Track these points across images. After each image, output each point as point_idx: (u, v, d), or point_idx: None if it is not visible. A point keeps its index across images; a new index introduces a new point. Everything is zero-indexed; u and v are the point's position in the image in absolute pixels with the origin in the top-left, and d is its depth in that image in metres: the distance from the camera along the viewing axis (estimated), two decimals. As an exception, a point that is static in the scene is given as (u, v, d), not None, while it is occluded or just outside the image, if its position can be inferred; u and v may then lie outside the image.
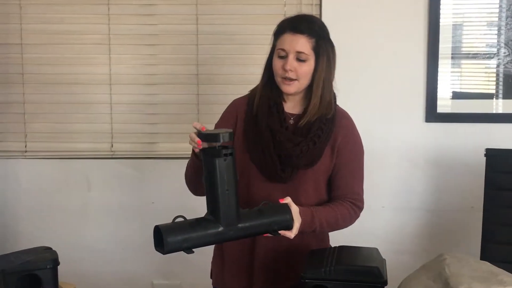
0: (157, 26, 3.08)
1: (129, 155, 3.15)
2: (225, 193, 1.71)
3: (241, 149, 2.07)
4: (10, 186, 3.13)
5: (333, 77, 2.08)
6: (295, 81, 2.00)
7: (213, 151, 1.71)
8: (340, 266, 1.79)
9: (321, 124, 2.03)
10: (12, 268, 1.75)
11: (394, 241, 3.07)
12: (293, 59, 1.98)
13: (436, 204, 3.06)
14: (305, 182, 2.05)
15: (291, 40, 1.98)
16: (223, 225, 1.72)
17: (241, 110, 2.12)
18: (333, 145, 2.07)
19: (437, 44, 2.97)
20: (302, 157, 2.01)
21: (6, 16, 3.06)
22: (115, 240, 3.17)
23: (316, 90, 2.02)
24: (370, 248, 1.98)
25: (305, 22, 2.02)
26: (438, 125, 3.02)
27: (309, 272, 1.78)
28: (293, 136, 2.02)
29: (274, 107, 2.05)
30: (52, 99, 3.13)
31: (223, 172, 1.71)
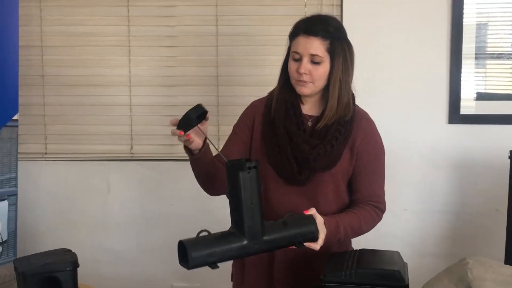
0: (177, 28, 3.06)
1: (149, 157, 3.13)
2: (249, 206, 1.69)
3: (259, 151, 2.06)
4: (31, 188, 3.13)
5: (351, 78, 2.03)
6: (310, 83, 1.97)
7: (237, 165, 1.69)
8: (360, 270, 1.76)
9: (339, 126, 2.00)
10: (32, 270, 1.75)
11: (416, 244, 3.02)
12: (307, 62, 1.95)
13: (459, 207, 3.01)
14: (324, 185, 2.02)
15: (304, 42, 1.95)
16: (247, 239, 1.69)
17: (259, 113, 2.10)
18: (352, 147, 2.03)
19: (460, 44, 2.92)
20: (319, 160, 1.98)
21: (27, 19, 3.06)
22: (135, 242, 3.16)
23: (333, 91, 1.98)
24: (391, 252, 1.94)
25: (319, 23, 1.97)
26: (461, 127, 2.97)
27: (329, 275, 1.76)
28: (310, 139, 2.00)
29: (291, 109, 2.02)
30: (72, 101, 3.13)
31: (247, 185, 1.68)
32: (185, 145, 1.90)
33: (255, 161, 1.69)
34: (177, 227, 3.09)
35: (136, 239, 3.15)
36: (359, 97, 2.98)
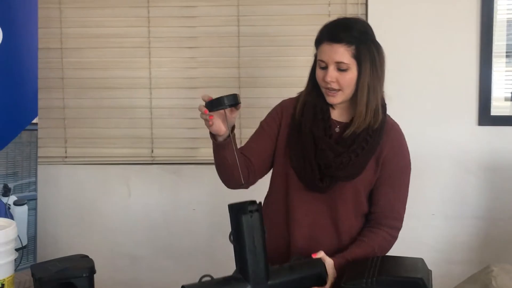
0: (198, 28, 3.02)
1: (170, 161, 3.09)
2: (253, 250, 1.65)
3: (283, 153, 2.02)
4: (51, 192, 3.10)
5: (382, 82, 1.97)
6: (339, 91, 1.92)
7: (239, 208, 1.65)
8: (382, 277, 1.71)
9: (367, 136, 1.94)
10: (48, 277, 1.72)
11: (445, 251, 2.94)
12: (333, 70, 1.90)
13: (490, 212, 2.92)
14: (345, 194, 1.97)
15: (329, 50, 1.89)
16: (251, 284, 1.66)
17: (287, 113, 2.06)
18: (378, 157, 1.97)
19: (490, 42, 2.84)
20: (342, 169, 1.93)
21: (47, 20, 3.03)
22: (156, 247, 3.11)
23: (361, 97, 1.92)
24: (415, 258, 1.88)
25: (342, 29, 1.91)
26: (492, 129, 2.89)
27: (349, 283, 1.71)
28: (335, 146, 1.95)
29: (320, 113, 1.98)
30: (92, 103, 3.09)
31: (250, 229, 1.65)
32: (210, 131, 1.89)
33: (258, 204, 1.66)
34: (199, 233, 3.05)
35: (157, 245, 3.10)
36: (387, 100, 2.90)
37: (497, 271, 1.58)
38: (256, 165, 2.03)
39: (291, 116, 2.04)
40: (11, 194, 2.74)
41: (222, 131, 1.87)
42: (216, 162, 1.99)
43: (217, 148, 1.94)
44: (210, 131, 1.89)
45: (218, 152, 1.94)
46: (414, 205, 2.91)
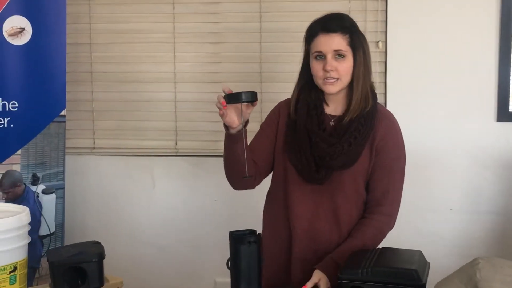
0: (221, 24, 3.05)
1: (193, 153, 3.13)
2: (247, 278, 1.72)
3: (281, 150, 2.07)
4: (79, 182, 3.17)
5: (370, 71, 2.03)
6: (338, 80, 1.95)
7: (238, 237, 1.73)
8: (377, 268, 1.71)
9: (359, 126, 1.97)
10: (59, 261, 1.78)
11: (462, 245, 2.92)
12: (332, 58, 1.94)
13: (507, 208, 2.88)
14: (343, 184, 1.99)
15: (326, 40, 1.94)
16: None
17: (284, 112, 2.11)
18: (372, 145, 1.99)
19: (509, 39, 2.80)
20: (336, 158, 1.95)
21: (76, 16, 3.10)
22: (179, 237, 3.15)
23: (357, 85, 1.97)
24: (413, 251, 1.88)
25: (335, 20, 1.99)
26: (510, 125, 2.85)
27: (345, 273, 1.72)
28: (328, 138, 1.98)
29: (313, 109, 2.02)
30: (119, 97, 3.15)
31: (246, 258, 1.72)
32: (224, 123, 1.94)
33: (256, 236, 1.73)
34: (220, 223, 3.07)
35: (180, 234, 3.15)
36: (406, 95, 2.90)
37: (483, 264, 1.57)
38: (260, 166, 2.08)
39: (288, 115, 2.08)
40: (40, 183, 2.82)
41: (235, 123, 1.92)
42: (226, 155, 2.03)
43: (229, 141, 1.98)
44: (224, 122, 1.93)
45: (230, 145, 1.99)
46: (433, 199, 2.93)
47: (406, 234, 2.87)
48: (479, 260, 1.60)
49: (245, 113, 1.93)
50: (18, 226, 1.67)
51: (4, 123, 2.69)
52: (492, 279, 1.50)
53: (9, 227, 1.64)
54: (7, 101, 2.70)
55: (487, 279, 1.50)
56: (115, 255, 2.99)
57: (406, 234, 2.86)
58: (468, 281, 1.54)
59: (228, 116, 1.90)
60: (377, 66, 2.91)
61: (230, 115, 1.91)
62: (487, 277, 1.51)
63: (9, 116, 2.70)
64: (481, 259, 1.60)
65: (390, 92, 2.91)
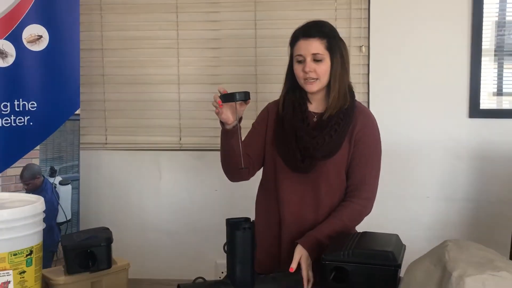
0: (220, 31, 3.04)
1: (196, 148, 3.12)
2: (242, 261, 1.70)
3: (271, 144, 2.09)
4: (93, 174, 3.16)
5: (348, 73, 2.05)
6: (317, 80, 1.98)
7: (234, 223, 1.72)
8: (357, 250, 1.72)
9: (339, 120, 1.99)
10: (71, 246, 1.78)
11: (437, 229, 2.91)
12: (311, 61, 1.97)
13: (478, 195, 2.88)
14: (326, 173, 2.01)
15: (305, 45, 1.97)
16: None
17: (272, 112, 2.13)
18: (351, 137, 2.02)
19: (480, 42, 2.79)
20: (319, 149, 1.97)
21: (89, 25, 3.09)
22: (183, 223, 3.15)
23: (334, 84, 1.99)
24: (390, 235, 1.89)
25: (314, 26, 2.02)
26: (481, 121, 2.84)
27: (329, 255, 1.73)
28: (311, 131, 2.00)
29: (298, 107, 2.04)
30: (128, 97, 3.14)
31: (241, 243, 1.70)
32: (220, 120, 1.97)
33: (250, 223, 1.71)
34: (220, 210, 3.06)
35: (184, 220, 3.14)
36: (387, 94, 2.90)
37: (451, 246, 1.57)
38: (253, 159, 2.10)
39: (276, 113, 2.11)
40: (57, 175, 2.81)
41: (230, 120, 1.95)
42: (222, 149, 2.06)
43: (225, 136, 2.00)
44: (220, 119, 1.96)
45: (226, 140, 2.01)
46: (411, 188, 2.93)
47: (387, 219, 2.87)
48: (447, 242, 1.60)
49: (239, 110, 1.95)
50: (33, 214, 1.66)
51: (24, 121, 2.68)
52: (458, 260, 1.48)
53: (25, 215, 1.63)
54: (26, 101, 2.69)
55: (454, 260, 1.49)
56: (125, 239, 3.00)
57: (387, 219, 2.86)
58: (438, 262, 1.53)
59: (224, 113, 1.92)
60: (360, 68, 2.91)
61: (225, 113, 1.93)
62: (454, 258, 1.50)
63: (29, 115, 2.69)
64: (450, 242, 1.60)
65: (372, 92, 2.90)
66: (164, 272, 2.73)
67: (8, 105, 2.64)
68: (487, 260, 1.49)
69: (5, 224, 1.59)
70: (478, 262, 1.47)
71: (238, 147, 1.94)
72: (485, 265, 1.46)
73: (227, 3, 3.00)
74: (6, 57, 2.63)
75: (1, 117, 2.62)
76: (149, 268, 2.76)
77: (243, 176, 2.11)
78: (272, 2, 2.96)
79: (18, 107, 2.66)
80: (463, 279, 1.41)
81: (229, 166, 2.08)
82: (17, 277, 1.61)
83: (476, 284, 1.40)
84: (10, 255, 1.60)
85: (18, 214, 1.62)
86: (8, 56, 2.63)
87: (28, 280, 1.65)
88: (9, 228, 1.60)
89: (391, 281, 1.68)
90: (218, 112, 1.92)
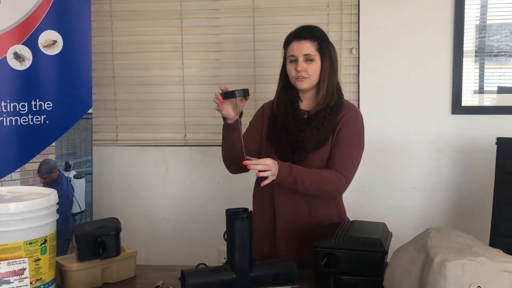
0: (221, 36, 3.02)
1: (200, 143, 3.10)
2: (241, 248, 1.72)
3: (266, 139, 2.09)
4: (105, 168, 3.15)
5: (336, 73, 2.05)
6: (307, 78, 1.99)
7: (233, 214, 1.74)
8: (347, 237, 1.73)
9: (325, 114, 1.99)
10: (83, 235, 1.79)
11: (423, 218, 2.89)
12: (303, 61, 1.98)
13: (460, 186, 2.86)
14: (315, 164, 2.00)
15: (298, 46, 1.99)
16: (236, 274, 1.72)
17: (267, 111, 2.15)
18: (335, 130, 2.01)
19: (461, 44, 2.76)
20: (307, 142, 1.98)
21: (100, 30, 3.07)
22: (188, 213, 3.13)
23: (323, 84, 2.00)
24: (378, 223, 1.89)
25: (306, 30, 2.03)
26: (462, 117, 2.82)
27: (321, 242, 1.74)
28: (300, 126, 2.01)
29: (290, 105, 2.05)
30: (137, 97, 3.13)
31: (240, 231, 1.72)
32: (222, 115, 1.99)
33: (248, 213, 1.73)
34: (223, 201, 3.04)
35: (189, 210, 3.13)
36: (376, 93, 2.88)
37: (433, 233, 1.58)
38: (252, 152, 2.08)
39: (270, 112, 2.12)
40: (72, 170, 2.81)
41: (231, 115, 1.98)
42: (225, 143, 2.07)
43: (227, 130, 2.03)
44: (222, 114, 1.99)
45: (228, 134, 2.03)
46: (399, 180, 2.92)
47: (377, 208, 2.86)
48: (430, 230, 1.60)
49: (239, 106, 1.98)
50: (47, 206, 1.65)
51: (41, 120, 2.68)
52: (440, 246, 1.49)
53: (39, 207, 1.63)
54: (43, 102, 2.68)
55: (436, 246, 1.50)
56: (134, 228, 3.01)
57: (377, 209, 2.86)
58: (421, 248, 1.53)
59: (225, 109, 1.96)
60: (351, 68, 2.89)
61: (226, 109, 1.96)
62: (436, 244, 1.51)
63: (45, 114, 2.69)
64: (432, 229, 1.60)
65: (362, 90, 2.88)
66: (170, 258, 2.72)
67: (25, 105, 2.64)
68: (466, 246, 1.49)
69: (21, 215, 1.60)
70: (458, 248, 1.48)
71: (240, 140, 1.95)
72: (465, 250, 1.47)
73: (228, 10, 2.98)
74: (23, 60, 2.63)
75: (20, 116, 2.63)
76: (156, 255, 2.75)
77: (243, 168, 2.09)
78: (269, 8, 2.94)
79: (35, 107, 2.66)
80: (444, 264, 1.42)
81: (231, 158, 2.08)
82: (32, 264, 1.61)
83: (456, 268, 1.41)
84: (26, 244, 1.60)
85: (33, 206, 1.62)
86: (26, 60, 2.63)
87: (42, 267, 1.65)
88: (25, 219, 1.60)
89: (378, 266, 1.68)
90: (218, 108, 1.95)
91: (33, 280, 1.62)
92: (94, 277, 1.82)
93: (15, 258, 1.57)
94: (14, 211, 1.58)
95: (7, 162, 2.62)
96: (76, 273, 1.79)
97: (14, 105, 2.61)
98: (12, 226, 1.58)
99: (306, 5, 2.90)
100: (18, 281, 1.56)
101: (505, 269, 1.43)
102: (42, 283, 1.65)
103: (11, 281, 1.55)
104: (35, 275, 1.63)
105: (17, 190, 1.79)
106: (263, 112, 2.16)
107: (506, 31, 2.75)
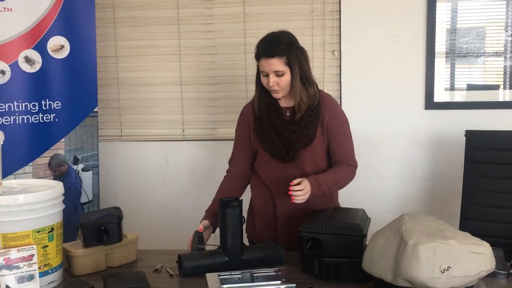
0: (215, 40, 2.98)
1: (197, 138, 3.07)
2: (232, 233, 1.72)
3: (256, 143, 2.05)
4: (110, 162, 3.11)
5: (310, 74, 1.98)
6: (280, 89, 1.95)
7: (225, 202, 1.74)
8: (330, 223, 1.72)
9: (310, 112, 1.96)
10: (87, 223, 1.78)
11: (400, 204, 2.88)
12: (273, 76, 1.92)
13: (433, 174, 2.84)
14: (307, 159, 1.98)
15: (267, 64, 1.92)
16: (228, 257, 1.73)
17: (249, 116, 2.08)
18: (322, 124, 1.99)
19: (433, 46, 2.74)
20: (299, 140, 1.95)
21: (105, 36, 3.03)
22: (187, 201, 3.10)
23: (295, 92, 1.95)
24: (358, 209, 1.88)
25: (273, 45, 1.93)
26: (435, 112, 2.80)
27: (306, 227, 1.72)
28: (290, 126, 1.97)
29: (271, 106, 2.00)
30: (139, 96, 3.08)
31: (231, 218, 1.73)
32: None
33: (239, 201, 1.73)
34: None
35: (188, 199, 3.10)
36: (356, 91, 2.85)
37: (407, 218, 1.57)
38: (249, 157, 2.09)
39: (252, 115, 2.06)
40: (80, 163, 2.77)
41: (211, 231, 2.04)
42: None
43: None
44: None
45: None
46: (377, 169, 2.89)
47: (358, 195, 2.82)
48: (404, 215, 1.59)
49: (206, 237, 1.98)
50: (54, 197, 1.63)
51: (50, 118, 2.65)
52: (413, 230, 1.48)
53: (47, 198, 1.61)
54: (52, 101, 2.65)
55: (410, 230, 1.49)
56: (137, 216, 2.98)
57: (358, 196, 2.82)
58: (396, 232, 1.52)
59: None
60: (333, 69, 2.86)
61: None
62: (410, 229, 1.50)
63: (54, 113, 2.66)
64: (406, 215, 1.59)
65: (344, 89, 2.86)
66: (169, 244, 2.69)
67: (36, 104, 2.61)
68: (437, 230, 1.49)
69: (30, 206, 1.58)
70: (430, 232, 1.47)
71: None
72: (436, 234, 1.46)
73: (221, 17, 2.94)
74: (33, 64, 2.59)
75: (31, 115, 2.60)
76: (156, 241, 2.72)
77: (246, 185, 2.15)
78: (259, 15, 2.90)
79: (45, 106, 2.63)
80: (417, 246, 1.42)
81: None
82: (40, 251, 1.59)
83: (428, 251, 1.41)
84: (34, 232, 1.58)
85: (40, 197, 1.60)
86: (36, 63, 2.59)
87: (50, 253, 1.62)
88: (33, 209, 1.58)
89: (357, 248, 1.67)
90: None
91: (41, 265, 1.60)
92: (99, 262, 1.81)
93: (24, 245, 1.56)
94: (23, 202, 1.57)
95: (20, 157, 2.58)
96: (81, 258, 1.77)
97: (25, 105, 2.58)
98: (21, 216, 1.57)
99: (292, 12, 2.86)
100: (27, 266, 1.54)
101: (473, 250, 1.43)
102: (49, 267, 1.63)
103: (21, 266, 1.53)
104: (43, 260, 1.61)
105: (26, 182, 1.76)
106: (246, 119, 2.09)
107: (474, 34, 2.73)
